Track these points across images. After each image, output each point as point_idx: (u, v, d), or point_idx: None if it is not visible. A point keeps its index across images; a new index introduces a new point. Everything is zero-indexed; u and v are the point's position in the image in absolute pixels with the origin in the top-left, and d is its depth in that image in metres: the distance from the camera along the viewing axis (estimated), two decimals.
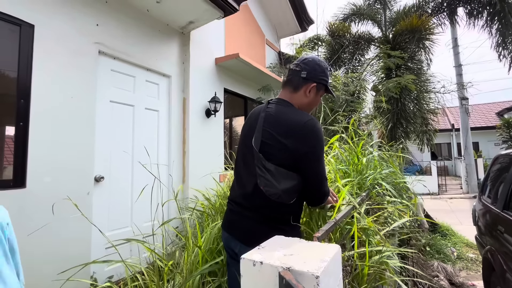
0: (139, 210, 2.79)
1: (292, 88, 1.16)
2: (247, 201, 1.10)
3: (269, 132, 1.07)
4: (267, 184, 1.01)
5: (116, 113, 2.67)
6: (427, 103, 6.29)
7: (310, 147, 1.03)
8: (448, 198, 10.33)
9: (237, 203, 1.15)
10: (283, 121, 1.07)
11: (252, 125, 1.16)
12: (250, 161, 1.10)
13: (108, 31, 2.58)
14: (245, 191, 1.12)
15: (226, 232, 1.19)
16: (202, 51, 3.71)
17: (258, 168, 1.03)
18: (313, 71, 1.14)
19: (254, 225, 1.07)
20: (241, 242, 1.08)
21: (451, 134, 16.53)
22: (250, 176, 1.09)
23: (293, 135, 1.03)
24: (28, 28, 2.04)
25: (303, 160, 1.04)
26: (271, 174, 1.01)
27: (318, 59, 1.19)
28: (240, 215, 1.13)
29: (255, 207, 1.08)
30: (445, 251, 4.47)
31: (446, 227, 5.67)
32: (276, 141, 1.04)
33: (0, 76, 1.98)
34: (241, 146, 1.24)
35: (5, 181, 1.89)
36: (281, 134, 1.04)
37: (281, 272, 0.66)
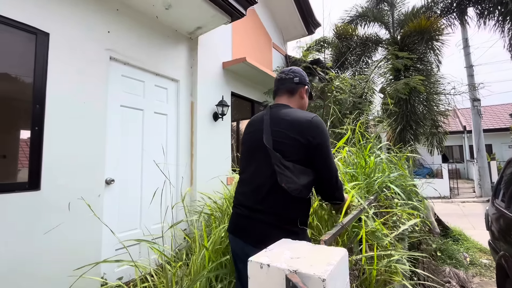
0: (148, 213, 2.83)
1: (288, 93, 1.29)
2: (261, 204, 1.12)
3: (279, 131, 1.13)
4: (288, 181, 1.05)
5: (126, 117, 2.74)
6: (437, 105, 6.18)
7: (320, 139, 1.11)
8: (460, 202, 10.07)
9: (247, 207, 1.16)
10: (290, 119, 1.14)
11: (257, 129, 1.21)
12: (262, 163, 1.14)
13: (119, 37, 2.66)
14: (259, 194, 1.13)
15: (236, 237, 1.19)
16: (210, 56, 3.77)
17: (277, 166, 1.07)
18: (302, 77, 1.32)
19: (267, 228, 1.09)
20: (255, 246, 1.05)
21: (462, 136, 16.14)
22: (263, 177, 1.12)
23: (302, 130, 1.10)
24: (43, 37, 2.12)
25: (316, 152, 1.10)
26: (290, 171, 1.06)
27: (298, 68, 1.36)
28: (252, 219, 1.13)
29: (269, 210, 1.10)
30: (458, 256, 4.35)
31: (458, 231, 5.53)
32: (288, 137, 1.11)
33: (17, 83, 2.06)
34: (248, 151, 1.28)
35: (21, 184, 1.96)
36: (291, 130, 1.11)
37: (288, 275, 0.67)
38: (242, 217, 1.19)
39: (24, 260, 1.89)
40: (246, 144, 1.32)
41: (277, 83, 1.35)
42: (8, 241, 1.83)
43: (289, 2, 5.85)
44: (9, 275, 1.81)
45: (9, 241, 1.83)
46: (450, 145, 16.53)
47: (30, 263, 1.92)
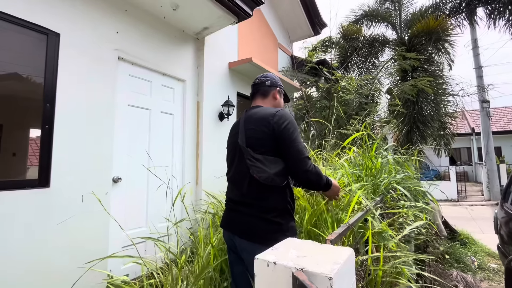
0: (153, 211, 2.87)
1: (262, 96, 1.43)
2: (244, 197, 1.22)
3: (250, 128, 1.25)
4: (259, 171, 1.15)
5: (134, 117, 2.77)
6: (445, 106, 6.10)
7: (284, 125, 1.20)
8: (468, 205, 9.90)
9: (235, 202, 1.28)
10: (260, 116, 1.26)
11: (236, 132, 1.35)
12: (240, 160, 1.26)
13: (127, 38, 2.70)
14: (241, 188, 1.24)
15: (226, 230, 1.31)
16: (216, 56, 3.79)
17: (249, 160, 1.18)
18: (273, 80, 1.46)
19: (250, 219, 1.18)
20: (241, 237, 1.18)
21: (471, 139, 15.88)
22: (242, 173, 1.23)
23: (268, 121, 1.21)
24: (54, 37, 2.16)
25: (281, 137, 1.19)
26: (260, 163, 1.16)
27: (271, 74, 1.51)
28: (238, 212, 1.24)
29: (249, 201, 1.20)
30: (465, 260, 4.28)
31: (466, 235, 5.44)
32: (257, 132, 1.22)
33: (29, 82, 2.11)
34: (230, 152, 1.40)
35: (31, 181, 2.01)
36: (260, 125, 1.22)
37: (294, 273, 0.67)
38: (229, 210, 1.31)
39: (34, 254, 1.93)
40: (228, 147, 1.44)
41: (252, 88, 1.49)
42: (19, 237, 1.87)
43: (295, 3, 5.85)
44: (21, 268, 1.85)
45: (20, 236, 1.87)
46: (458, 147, 16.28)
47: (40, 257, 1.96)
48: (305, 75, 5.50)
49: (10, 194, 1.86)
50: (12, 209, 1.86)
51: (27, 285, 1.89)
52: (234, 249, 1.25)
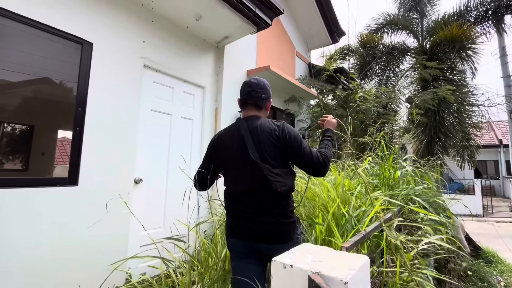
0: (171, 213, 2.96)
1: (257, 107, 1.44)
2: (262, 207, 1.28)
3: (259, 142, 1.29)
4: (282, 185, 1.23)
5: (156, 121, 2.91)
6: (469, 117, 5.86)
7: (292, 135, 1.30)
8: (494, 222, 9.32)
9: (251, 212, 1.29)
10: (268, 129, 1.31)
11: (235, 142, 1.35)
12: (253, 172, 1.27)
13: (152, 46, 2.85)
14: (258, 199, 1.29)
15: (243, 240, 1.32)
16: (235, 64, 3.90)
17: (270, 176, 1.23)
18: (267, 91, 1.46)
19: (275, 226, 1.27)
20: (269, 243, 1.26)
21: (498, 151, 15.03)
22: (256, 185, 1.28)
23: (278, 134, 1.29)
24: (88, 46, 2.34)
25: (292, 148, 1.28)
26: (281, 177, 1.24)
27: (265, 81, 1.49)
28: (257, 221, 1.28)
29: (271, 210, 1.28)
30: (490, 279, 4.04)
31: (491, 253, 5.13)
32: (269, 146, 1.28)
33: (64, 88, 2.28)
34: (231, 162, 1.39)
35: (61, 179, 2.15)
36: (271, 139, 1.29)
37: (311, 276, 0.70)
38: (246, 220, 1.31)
39: (62, 247, 2.06)
40: (223, 153, 1.43)
41: (244, 96, 1.44)
42: (50, 231, 2.01)
43: (313, 12, 5.91)
44: (51, 262, 1.98)
45: (50, 230, 2.01)
46: (484, 159, 15.44)
47: (68, 252, 2.08)
48: (323, 83, 5.50)
49: (43, 190, 2.01)
50: (44, 205, 2.00)
51: (55, 279, 2.01)
52: (248, 253, 1.32)
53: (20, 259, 1.86)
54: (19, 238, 1.87)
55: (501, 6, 5.95)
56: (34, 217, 1.95)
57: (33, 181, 2.02)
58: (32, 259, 1.91)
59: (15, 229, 1.85)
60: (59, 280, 2.03)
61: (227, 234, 1.41)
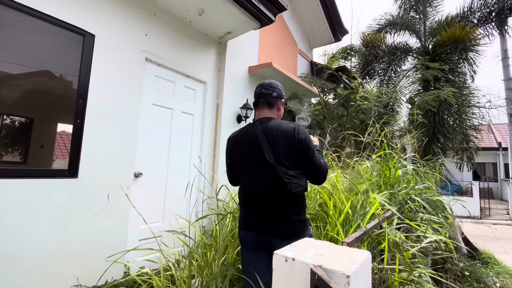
0: (170, 207, 2.96)
1: (269, 106, 1.48)
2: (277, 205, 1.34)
3: (276, 145, 1.33)
4: (296, 186, 1.29)
5: (157, 115, 2.89)
6: (469, 119, 5.86)
7: (305, 139, 1.34)
8: (491, 224, 9.37)
9: (266, 210, 1.36)
10: (283, 132, 1.35)
11: (250, 144, 1.40)
12: (268, 173, 1.33)
13: (154, 40, 2.84)
14: (273, 198, 1.34)
15: (256, 233, 1.38)
16: (237, 60, 3.88)
17: (285, 178, 1.28)
18: (279, 91, 1.50)
19: (287, 223, 1.33)
20: (280, 238, 1.29)
21: (497, 154, 15.07)
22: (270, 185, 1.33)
23: (294, 138, 1.33)
24: (90, 38, 2.32)
25: (303, 151, 1.32)
26: (296, 179, 1.30)
27: (275, 82, 1.54)
28: (271, 218, 1.34)
29: (284, 208, 1.33)
30: (486, 280, 4.06)
31: (488, 254, 5.16)
32: (284, 148, 1.32)
33: (65, 79, 2.27)
34: (245, 162, 1.45)
35: (61, 171, 2.15)
36: (285, 142, 1.33)
37: (313, 268, 0.70)
38: (256, 215, 1.38)
39: (61, 240, 2.06)
40: (239, 155, 1.49)
41: (257, 96, 1.51)
42: (50, 221, 2.00)
43: (317, 10, 5.88)
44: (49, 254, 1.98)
45: (50, 221, 2.01)
46: (483, 162, 15.48)
47: (66, 243, 2.08)
48: (324, 82, 5.49)
49: (43, 182, 2.00)
50: (44, 196, 2.00)
51: (55, 269, 2.01)
52: (259, 245, 1.38)
53: (18, 249, 1.86)
54: (18, 228, 1.86)
55: (504, 8, 5.94)
56: (33, 208, 1.94)
57: (32, 172, 2.01)
58: (30, 250, 1.91)
59: (13, 219, 1.85)
60: (57, 271, 2.03)
61: (240, 226, 1.47)
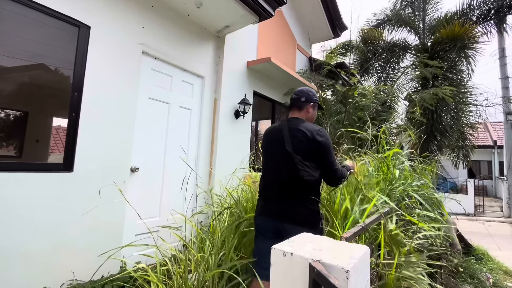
0: (167, 202, 2.94)
1: (298, 109, 1.73)
2: (292, 193, 1.50)
3: (297, 139, 1.55)
4: (308, 175, 1.48)
5: (154, 110, 2.86)
6: (465, 116, 5.88)
7: (325, 141, 1.55)
8: (485, 221, 9.48)
9: (282, 196, 1.53)
10: (306, 129, 1.56)
11: (276, 138, 1.63)
12: (287, 163, 1.53)
13: (151, 33, 2.79)
14: (289, 186, 1.52)
15: (271, 218, 1.55)
16: (235, 54, 3.84)
17: (299, 165, 1.49)
18: (308, 96, 1.73)
19: (301, 210, 1.48)
20: (292, 223, 1.46)
21: (492, 152, 15.22)
22: (289, 173, 1.51)
23: (314, 136, 1.53)
24: (85, 30, 2.27)
25: (320, 152, 1.52)
26: (309, 168, 1.49)
27: (308, 88, 1.79)
28: (286, 204, 1.50)
29: (298, 196, 1.50)
30: (480, 276, 4.11)
31: (482, 250, 5.22)
32: (304, 143, 1.53)
33: (60, 72, 2.22)
34: (269, 154, 1.71)
35: (56, 165, 2.12)
36: (307, 137, 1.53)
37: (312, 263, 0.69)
38: (275, 203, 1.55)
39: (57, 233, 2.04)
40: (266, 148, 1.74)
41: (290, 101, 1.79)
42: (45, 216, 1.97)
43: (316, 4, 5.83)
44: (44, 248, 1.96)
45: (45, 216, 1.98)
46: (478, 160, 15.64)
47: (61, 238, 2.06)
48: (323, 78, 5.47)
49: (37, 175, 1.97)
50: (38, 190, 1.97)
51: (48, 264, 1.99)
52: (274, 233, 1.51)
53: (11, 243, 1.83)
54: (11, 222, 1.84)
55: (503, 5, 5.93)
56: (27, 202, 1.91)
57: (26, 165, 1.98)
58: (24, 244, 1.89)
59: (7, 213, 1.82)
60: (52, 266, 2.01)
61: (257, 214, 1.64)
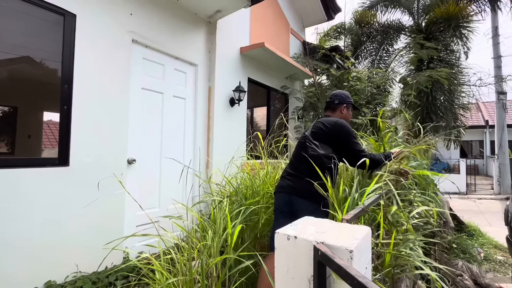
0: (166, 193, 2.95)
1: (331, 110, 1.99)
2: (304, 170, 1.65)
3: (318, 126, 1.80)
4: (312, 150, 1.67)
5: (147, 100, 2.81)
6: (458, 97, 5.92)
7: (340, 131, 1.74)
8: (476, 199, 9.78)
9: (295, 173, 1.71)
10: (326, 121, 1.81)
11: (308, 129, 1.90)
12: (303, 145, 1.75)
13: (140, 20, 2.69)
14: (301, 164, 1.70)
15: (281, 193, 1.73)
16: (228, 40, 3.75)
17: (308, 143, 1.73)
18: (341, 98, 1.97)
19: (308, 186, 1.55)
20: (300, 197, 1.62)
21: (484, 131, 15.49)
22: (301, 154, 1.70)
23: (330, 126, 1.76)
24: (71, 18, 2.18)
25: (339, 140, 1.72)
26: (315, 146, 1.70)
27: (342, 91, 2.04)
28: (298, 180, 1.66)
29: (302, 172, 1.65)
30: (471, 251, 4.29)
31: (473, 227, 5.42)
32: (321, 129, 1.77)
33: (47, 64, 2.15)
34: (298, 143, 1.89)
35: (51, 159, 2.08)
36: (325, 126, 1.77)
37: (316, 245, 0.70)
38: (286, 179, 1.74)
39: (57, 229, 2.03)
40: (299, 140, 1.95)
41: (325, 104, 2.06)
42: (44, 212, 1.96)
43: None
44: (46, 243, 1.96)
45: (44, 212, 1.97)
46: (470, 139, 15.92)
47: (62, 232, 2.06)
48: (317, 62, 5.40)
49: (32, 171, 1.94)
50: (35, 186, 1.94)
51: (52, 258, 2.00)
52: (286, 207, 1.66)
53: (15, 239, 1.83)
54: (10, 219, 1.82)
55: None
56: (25, 198, 1.89)
57: (21, 161, 1.94)
58: (28, 240, 1.89)
59: (4, 210, 1.80)
60: (57, 260, 2.02)
61: (274, 192, 1.80)
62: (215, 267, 1.59)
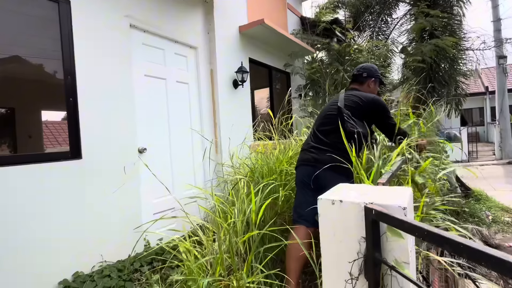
0: (178, 179, 2.95)
1: (359, 83, 1.95)
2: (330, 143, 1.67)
3: (351, 99, 1.76)
4: (351, 126, 1.62)
5: (151, 87, 2.74)
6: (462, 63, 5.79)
7: (378, 108, 1.78)
8: (478, 165, 9.90)
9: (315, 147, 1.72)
10: (361, 95, 1.79)
11: (332, 102, 1.87)
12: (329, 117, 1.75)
13: (136, 3, 2.57)
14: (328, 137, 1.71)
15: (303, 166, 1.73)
16: (226, 19, 3.61)
17: (345, 116, 1.65)
18: (370, 72, 1.94)
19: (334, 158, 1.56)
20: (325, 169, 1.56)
21: (484, 98, 15.39)
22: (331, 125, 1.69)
23: (367, 102, 1.76)
24: (65, 5, 2.07)
25: (375, 116, 1.78)
26: (353, 121, 1.65)
27: (370, 64, 2.00)
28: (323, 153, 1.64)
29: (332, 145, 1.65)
30: (480, 215, 4.38)
31: (479, 192, 5.51)
32: (357, 104, 1.74)
33: (48, 56, 2.07)
34: (321, 114, 1.90)
35: (64, 153, 2.06)
36: (361, 100, 1.76)
37: (367, 206, 0.69)
38: (309, 152, 1.74)
39: (76, 222, 2.05)
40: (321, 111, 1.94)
41: (353, 77, 2.01)
42: (61, 207, 1.97)
43: None
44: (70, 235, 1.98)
45: (62, 206, 1.97)
46: (470, 107, 15.87)
47: (82, 225, 2.08)
48: (316, 37, 5.25)
49: (47, 166, 1.92)
50: (51, 180, 1.93)
51: (77, 250, 2.03)
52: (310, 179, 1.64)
53: (42, 235, 1.84)
54: (28, 214, 1.83)
55: None
56: (49, 194, 1.89)
57: (33, 157, 1.92)
58: (54, 233, 1.90)
59: (22, 206, 1.80)
60: (81, 252, 2.05)
61: (296, 166, 1.81)
62: (242, 245, 1.61)
